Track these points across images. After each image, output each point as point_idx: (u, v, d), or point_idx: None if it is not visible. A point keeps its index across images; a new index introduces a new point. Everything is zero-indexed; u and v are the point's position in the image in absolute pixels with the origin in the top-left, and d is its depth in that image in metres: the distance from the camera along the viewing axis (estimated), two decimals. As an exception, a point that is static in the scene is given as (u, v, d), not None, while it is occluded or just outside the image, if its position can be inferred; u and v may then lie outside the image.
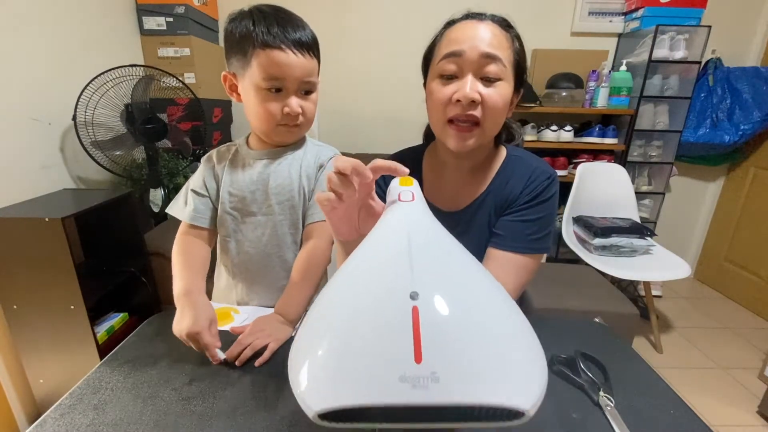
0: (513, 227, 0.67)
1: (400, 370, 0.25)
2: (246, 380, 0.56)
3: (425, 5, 2.15)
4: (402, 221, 0.37)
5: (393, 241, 0.34)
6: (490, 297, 0.31)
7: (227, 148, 0.81)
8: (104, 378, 0.56)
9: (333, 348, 0.27)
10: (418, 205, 0.39)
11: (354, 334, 0.27)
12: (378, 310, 0.28)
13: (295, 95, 0.68)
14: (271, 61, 0.64)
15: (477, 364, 0.25)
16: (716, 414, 1.47)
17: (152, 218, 1.66)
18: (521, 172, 0.68)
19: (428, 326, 0.26)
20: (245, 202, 0.77)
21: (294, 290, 0.71)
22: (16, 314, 1.19)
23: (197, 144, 1.70)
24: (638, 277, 1.72)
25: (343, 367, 0.26)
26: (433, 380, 0.24)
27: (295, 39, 0.65)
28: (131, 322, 1.46)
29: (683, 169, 2.42)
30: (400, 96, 2.28)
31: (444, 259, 0.33)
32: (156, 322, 0.72)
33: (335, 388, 0.25)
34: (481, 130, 0.61)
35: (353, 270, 0.33)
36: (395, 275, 0.30)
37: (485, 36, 0.59)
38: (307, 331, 0.30)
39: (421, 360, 0.25)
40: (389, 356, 0.25)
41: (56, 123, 1.45)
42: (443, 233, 0.36)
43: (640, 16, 2.05)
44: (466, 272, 0.32)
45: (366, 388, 0.25)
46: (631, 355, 0.65)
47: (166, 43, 1.90)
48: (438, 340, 0.26)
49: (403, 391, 0.24)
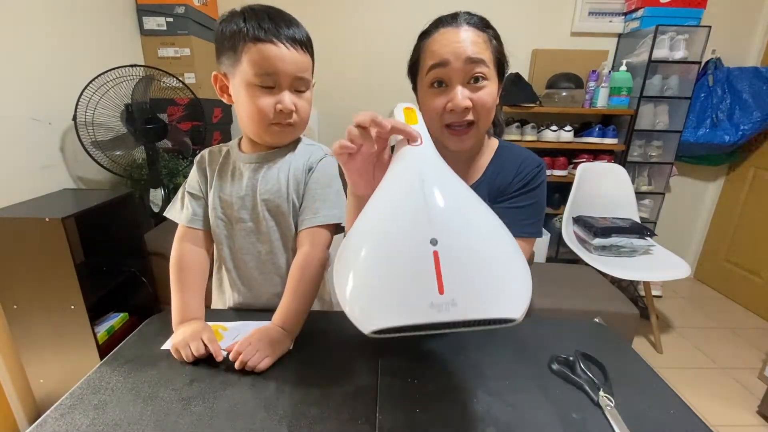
0: (506, 214, 0.71)
1: (429, 299, 0.35)
2: (246, 380, 0.56)
3: (425, 6, 2.15)
4: (414, 165, 0.42)
5: (409, 186, 0.40)
6: (489, 231, 0.40)
7: (219, 150, 0.78)
8: (104, 378, 0.56)
9: (377, 284, 0.36)
10: (427, 148, 0.44)
11: (392, 273, 0.36)
12: (408, 254, 0.37)
13: (288, 91, 0.66)
14: (262, 56, 0.62)
15: (482, 289, 0.36)
16: (716, 414, 1.47)
17: (152, 218, 1.66)
18: (512, 161, 0.73)
19: (447, 266, 0.36)
20: (234, 208, 0.74)
21: (291, 302, 0.68)
22: (16, 314, 1.19)
23: (197, 144, 1.70)
24: (638, 277, 1.72)
25: (388, 298, 0.36)
26: (453, 305, 0.34)
27: (288, 34, 0.63)
28: (131, 322, 1.46)
29: (683, 169, 2.42)
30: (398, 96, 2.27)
31: (452, 199, 0.40)
32: (156, 322, 0.72)
33: (384, 312, 0.35)
34: (476, 128, 0.66)
35: (379, 217, 0.40)
36: (416, 223, 0.38)
37: (466, 44, 0.61)
38: (350, 265, 0.38)
39: (443, 291, 0.35)
40: (421, 290, 0.35)
41: (56, 123, 1.45)
42: (449, 173, 0.43)
43: (640, 17, 2.05)
44: (471, 211, 0.40)
45: (407, 311, 0.35)
46: (631, 355, 0.65)
47: (166, 43, 1.91)
48: (454, 276, 0.35)
49: (433, 313, 0.34)
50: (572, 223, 1.95)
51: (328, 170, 0.75)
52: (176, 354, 0.60)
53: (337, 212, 0.73)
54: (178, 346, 0.60)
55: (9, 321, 1.20)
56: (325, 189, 0.74)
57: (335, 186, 0.75)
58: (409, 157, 0.44)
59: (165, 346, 0.63)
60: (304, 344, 0.65)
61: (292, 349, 0.63)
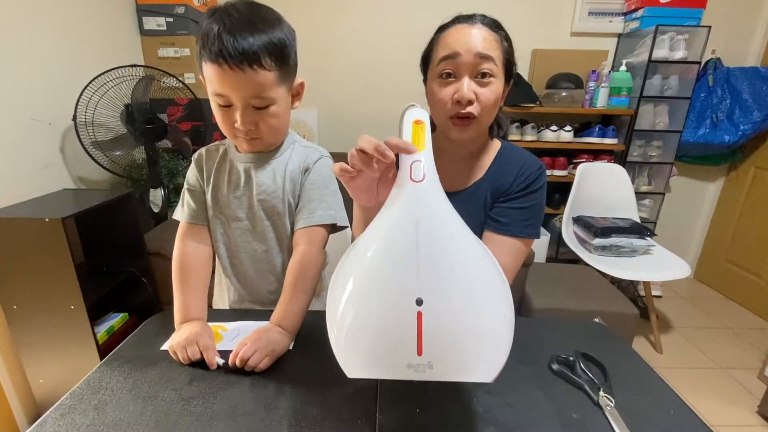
0: (508, 214, 0.74)
1: (408, 359, 0.36)
2: (246, 380, 0.56)
3: (425, 7, 2.16)
4: (412, 209, 0.41)
5: (403, 234, 0.39)
6: (477, 287, 0.39)
7: (216, 148, 0.78)
8: (104, 378, 0.56)
9: (363, 340, 0.38)
10: (428, 186, 0.42)
11: (376, 328, 0.38)
12: (393, 311, 0.37)
13: (245, 110, 0.63)
14: (213, 75, 0.59)
15: (459, 356, 0.37)
16: (716, 414, 1.47)
17: (152, 218, 1.66)
18: (514, 162, 0.76)
19: (428, 329, 0.36)
20: (231, 207, 0.75)
21: (289, 301, 0.68)
22: (16, 314, 1.19)
23: (197, 144, 1.70)
24: (638, 277, 1.72)
25: (370, 351, 0.38)
26: (429, 367, 0.36)
27: (245, 50, 0.57)
28: (131, 322, 1.47)
29: (683, 169, 2.42)
30: (398, 97, 2.27)
31: (445, 250, 0.39)
32: (156, 322, 0.72)
33: (366, 366, 0.37)
34: (477, 122, 0.68)
35: (370, 265, 0.40)
36: (405, 278, 0.38)
37: (478, 40, 0.65)
38: (341, 318, 0.38)
39: (421, 353, 0.36)
40: (400, 349, 0.37)
41: (56, 123, 1.45)
42: (448, 214, 0.41)
43: (639, 17, 2.05)
44: (462, 263, 0.39)
45: (385, 368, 0.37)
46: (631, 355, 0.65)
47: (166, 44, 1.91)
48: (433, 340, 0.36)
49: (410, 372, 0.37)
50: (572, 223, 1.95)
51: (325, 171, 0.76)
52: (173, 355, 0.60)
53: (333, 212, 0.74)
54: (176, 348, 0.60)
55: (9, 321, 1.20)
56: (322, 189, 0.75)
57: (332, 187, 0.76)
58: (409, 195, 0.41)
59: (164, 346, 0.63)
60: (304, 344, 0.65)
61: (292, 349, 0.63)
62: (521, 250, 0.74)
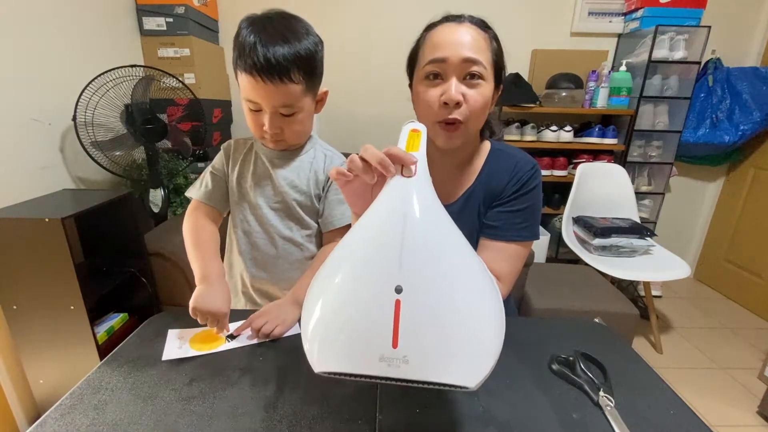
0: (503, 218, 0.72)
1: (381, 351, 0.33)
2: (246, 380, 0.56)
3: (426, 8, 2.16)
4: (400, 202, 0.39)
5: (389, 225, 0.37)
6: (465, 286, 0.36)
7: (245, 141, 0.84)
8: (104, 378, 0.56)
9: (334, 328, 0.35)
10: (419, 182, 0.40)
11: (350, 316, 0.35)
12: (369, 298, 0.35)
13: (273, 116, 0.69)
14: (247, 84, 0.66)
15: (439, 352, 0.33)
16: (716, 414, 1.47)
17: (152, 218, 1.66)
18: (506, 164, 0.73)
19: (406, 319, 0.33)
20: (252, 195, 0.80)
21: (308, 276, 0.73)
22: (16, 314, 1.19)
23: (197, 144, 1.71)
24: (638, 277, 1.72)
25: (341, 342, 0.34)
26: (404, 362, 0.33)
27: (276, 64, 0.63)
28: (131, 322, 1.46)
29: (683, 169, 2.42)
30: (397, 98, 2.27)
31: (432, 244, 0.37)
32: (156, 322, 0.72)
33: (335, 358, 0.34)
34: (465, 127, 0.66)
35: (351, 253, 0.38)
36: (386, 266, 0.35)
37: (466, 40, 0.62)
38: (314, 305, 0.36)
39: (397, 346, 0.33)
40: (374, 339, 0.33)
41: (56, 123, 1.45)
42: (438, 212, 0.39)
43: (639, 17, 2.05)
44: (450, 259, 0.36)
45: (356, 361, 0.33)
46: (631, 355, 0.65)
47: (166, 44, 1.91)
48: (411, 331, 0.33)
49: (382, 368, 0.33)
50: (572, 223, 1.95)
51: None
52: (192, 314, 0.64)
53: None
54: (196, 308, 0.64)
55: (9, 321, 1.20)
56: None
57: None
58: (398, 189, 0.40)
59: (164, 357, 0.61)
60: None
61: (291, 349, 0.63)
62: (519, 255, 0.72)
